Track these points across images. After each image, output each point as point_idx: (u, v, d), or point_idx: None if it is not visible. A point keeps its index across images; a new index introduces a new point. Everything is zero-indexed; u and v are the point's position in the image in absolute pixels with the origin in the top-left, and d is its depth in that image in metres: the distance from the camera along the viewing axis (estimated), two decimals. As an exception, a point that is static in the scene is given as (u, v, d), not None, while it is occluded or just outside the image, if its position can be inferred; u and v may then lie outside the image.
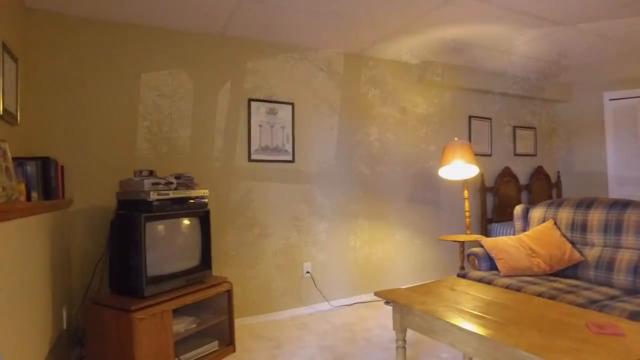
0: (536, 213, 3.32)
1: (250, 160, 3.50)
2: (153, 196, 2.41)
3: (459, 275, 3.07)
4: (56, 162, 2.35)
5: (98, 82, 2.99)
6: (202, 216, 2.81)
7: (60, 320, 2.43)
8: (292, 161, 3.67)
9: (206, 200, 2.80)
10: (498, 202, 4.80)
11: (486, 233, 4.68)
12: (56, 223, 2.40)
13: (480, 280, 2.90)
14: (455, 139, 3.91)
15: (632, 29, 3.57)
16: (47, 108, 2.82)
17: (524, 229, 3.40)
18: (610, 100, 5.50)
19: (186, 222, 2.70)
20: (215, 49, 3.41)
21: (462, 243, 3.69)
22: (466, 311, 1.99)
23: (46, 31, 2.83)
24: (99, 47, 3.01)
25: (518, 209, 3.46)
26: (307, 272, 3.70)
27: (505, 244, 3.08)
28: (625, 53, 4.26)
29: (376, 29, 3.42)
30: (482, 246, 3.17)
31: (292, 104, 3.69)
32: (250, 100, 3.51)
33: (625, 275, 2.62)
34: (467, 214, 3.83)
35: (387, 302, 3.74)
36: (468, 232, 3.83)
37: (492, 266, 3.15)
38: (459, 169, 3.78)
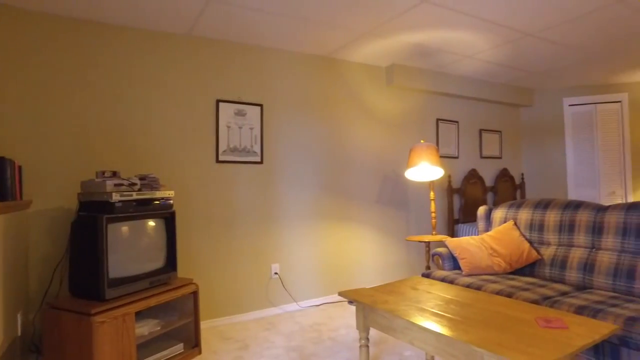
0: (498, 214, 3.44)
1: (218, 161, 3.49)
2: (115, 197, 2.38)
3: (423, 275, 3.14)
4: (12, 162, 2.29)
5: (58, 81, 2.92)
6: (168, 217, 2.79)
7: (13, 326, 2.36)
8: (261, 162, 3.68)
9: (172, 201, 2.77)
10: (465, 203, 4.93)
11: (453, 233, 4.80)
12: (11, 225, 2.33)
13: (443, 279, 2.98)
14: (422, 141, 4.00)
15: (585, 38, 3.74)
16: (2, 107, 2.74)
17: (487, 229, 3.51)
18: (569, 105, 5.74)
19: (151, 223, 2.67)
20: (182, 49, 3.38)
21: (428, 243, 3.77)
22: (426, 309, 2.05)
23: None
24: (58, 45, 2.93)
25: (481, 210, 3.57)
26: (276, 273, 3.71)
27: (468, 244, 3.18)
28: (581, 61, 4.45)
29: (344, 32, 3.47)
30: (446, 246, 3.26)
31: (261, 106, 3.69)
32: (218, 101, 3.50)
33: (576, 273, 2.75)
34: (433, 214, 3.92)
35: (350, 302, 3.79)
36: (434, 232, 3.92)
37: (456, 265, 3.24)
38: (425, 170, 3.87)
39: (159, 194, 2.65)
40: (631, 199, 5.63)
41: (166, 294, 2.58)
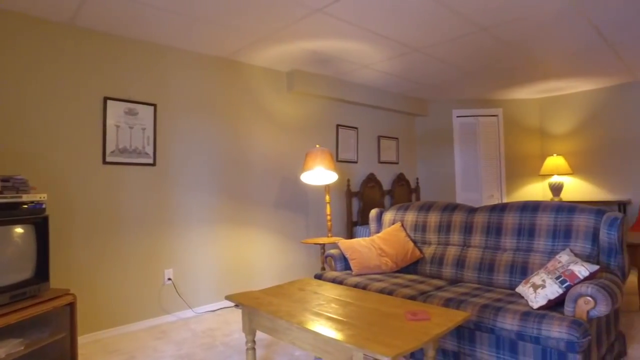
0: (388, 216, 3.66)
1: (105, 162, 3.26)
2: (-30, 201, 2.11)
3: (315, 276, 3.24)
4: None
5: None
6: (39, 223, 2.53)
7: None
8: (154, 164, 3.51)
9: (44, 205, 2.53)
10: (363, 205, 5.17)
11: (352, 235, 5.01)
12: None
13: (333, 280, 3.10)
14: (317, 146, 4.13)
15: (461, 58, 4.15)
16: None
17: (378, 231, 3.72)
18: (457, 117, 6.32)
19: (17, 230, 2.41)
20: (64, 39, 3.12)
21: (323, 245, 3.90)
22: (308, 310, 2.11)
23: None
24: None
25: (373, 213, 3.77)
26: (169, 279, 3.57)
27: (359, 245, 3.34)
28: (463, 78, 4.94)
29: (241, 35, 3.46)
30: (339, 248, 3.39)
31: (155, 105, 3.53)
32: (106, 98, 3.28)
33: (450, 268, 3.03)
34: (329, 217, 4.06)
35: (236, 305, 3.77)
36: (329, 234, 4.06)
37: (348, 266, 3.38)
38: (320, 174, 3.99)
39: (26, 198, 2.40)
40: (506, 200, 6.35)
41: (33, 308, 2.34)
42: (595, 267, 2.16)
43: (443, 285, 2.85)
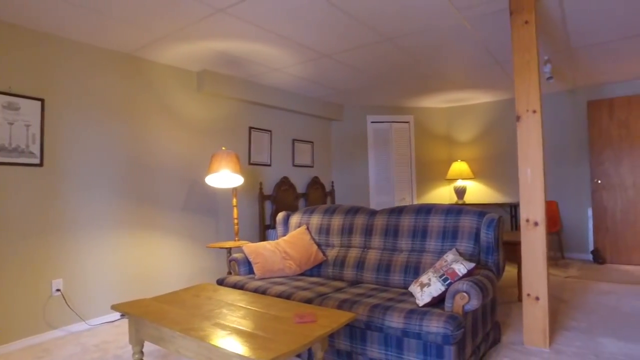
0: (294, 219, 3.68)
1: (-22, 162, 2.92)
2: None
3: (217, 281, 3.16)
4: None
5: None
6: None
7: None
8: (41, 165, 3.21)
9: None
10: (276, 209, 5.16)
11: (264, 238, 4.97)
12: None
13: (234, 284, 3.04)
14: (223, 148, 4.05)
15: (368, 65, 4.32)
16: None
17: (285, 234, 3.73)
18: (371, 122, 6.56)
19: None
20: None
21: (229, 249, 3.82)
22: (198, 316, 2.05)
23: None
24: None
25: (280, 216, 3.77)
26: (58, 290, 3.27)
27: (263, 249, 3.31)
28: (373, 85, 5.14)
29: (143, 31, 3.29)
30: (243, 251, 3.34)
31: (42, 100, 3.23)
32: (-20, 90, 2.94)
33: (352, 270, 3.12)
34: (236, 221, 4.00)
35: (122, 315, 3.58)
36: (237, 238, 3.99)
37: (252, 270, 3.35)
38: (226, 177, 3.92)
39: None
40: (416, 202, 6.70)
41: None
42: (472, 265, 2.34)
43: (343, 287, 2.92)
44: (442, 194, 6.95)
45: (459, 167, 6.57)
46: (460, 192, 6.54)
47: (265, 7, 2.95)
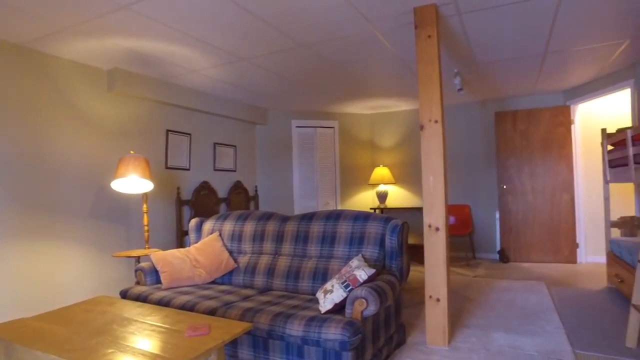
0: (207, 225, 3.58)
1: None
2: None
3: (120, 293, 2.98)
4: None
5: None
6: None
7: None
8: None
9: None
10: (195, 214, 4.99)
11: (182, 245, 4.78)
12: None
13: (138, 296, 2.88)
14: (131, 152, 3.84)
15: (287, 70, 4.32)
16: None
17: (197, 241, 3.61)
18: (296, 127, 6.58)
19: None
20: None
21: (138, 258, 3.63)
22: (81, 333, 1.90)
23: None
24: None
25: (192, 223, 3.65)
26: None
27: (172, 257, 3.18)
28: (298, 90, 5.15)
29: (37, 21, 3.02)
30: (150, 260, 3.18)
31: None
32: None
33: (262, 277, 3.09)
34: (146, 227, 3.81)
35: None
36: (147, 246, 3.80)
37: (160, 279, 3.19)
38: (135, 182, 3.72)
39: None
40: (340, 207, 6.83)
41: None
42: (372, 271, 2.41)
43: (251, 294, 2.88)
44: (365, 199, 7.13)
45: (380, 172, 6.79)
46: (382, 197, 6.76)
47: (169, 5, 2.82)
